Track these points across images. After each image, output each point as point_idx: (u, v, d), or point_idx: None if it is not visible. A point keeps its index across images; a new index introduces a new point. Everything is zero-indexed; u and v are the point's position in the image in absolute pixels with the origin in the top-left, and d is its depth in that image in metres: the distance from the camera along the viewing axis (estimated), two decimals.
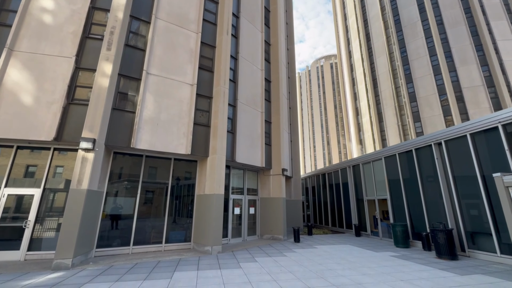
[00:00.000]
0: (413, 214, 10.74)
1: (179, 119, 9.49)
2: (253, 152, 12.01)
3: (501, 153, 7.72)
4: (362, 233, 13.85)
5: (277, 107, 13.92)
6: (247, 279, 5.77)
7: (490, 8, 28.80)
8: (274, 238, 12.07)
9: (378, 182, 13.11)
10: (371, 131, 35.14)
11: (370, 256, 8.46)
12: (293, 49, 19.79)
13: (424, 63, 29.79)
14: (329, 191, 17.99)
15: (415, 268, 6.90)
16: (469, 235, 8.56)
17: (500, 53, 26.94)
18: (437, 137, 9.83)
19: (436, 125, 27.21)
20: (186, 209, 10.18)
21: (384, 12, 35.55)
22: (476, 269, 6.74)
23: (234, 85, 11.87)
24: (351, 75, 42.06)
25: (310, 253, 8.81)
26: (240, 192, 12.34)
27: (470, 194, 8.64)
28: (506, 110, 7.73)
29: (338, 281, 5.65)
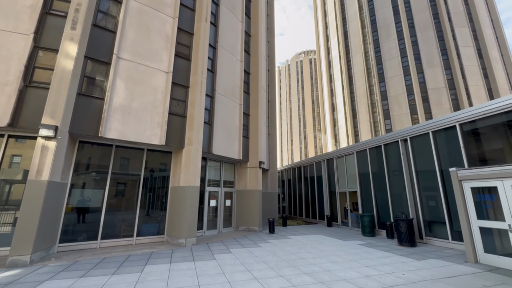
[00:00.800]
0: (380, 205, 11.49)
1: (153, 108, 9.06)
2: (230, 144, 11.92)
3: (457, 150, 8.49)
4: (334, 223, 14.56)
5: (256, 99, 13.87)
6: (221, 270, 5.79)
7: (455, 16, 31.02)
8: (250, 229, 12.23)
9: (349, 175, 13.77)
10: (346, 127, 36.63)
11: (340, 245, 8.94)
12: (273, 42, 19.72)
13: (395, 63, 31.46)
14: (304, 183, 18.56)
15: (379, 255, 7.43)
16: (426, 224, 9.38)
17: (461, 58, 29.30)
18: (404, 134, 10.52)
19: (403, 122, 29.09)
20: (159, 202, 9.88)
21: (361, 12, 36.67)
22: (431, 254, 7.43)
23: (212, 75, 11.57)
24: (329, 72, 43.16)
25: (284, 243, 9.07)
26: (217, 184, 12.24)
27: (429, 187, 9.42)
28: (463, 111, 8.47)
29: (309, 269, 5.90)
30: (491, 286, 4.86)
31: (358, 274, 5.54)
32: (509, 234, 6.01)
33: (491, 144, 8.16)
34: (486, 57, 29.74)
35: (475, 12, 31.43)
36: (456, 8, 31.36)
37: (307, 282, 5.02)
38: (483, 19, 31.47)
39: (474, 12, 31.44)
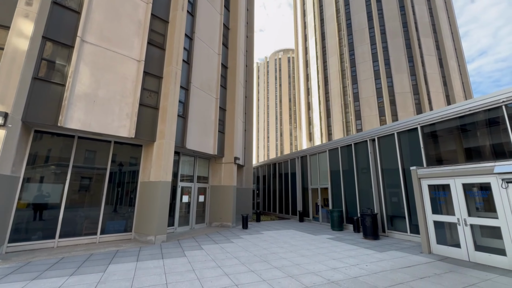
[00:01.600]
0: (348, 201, 12.09)
1: (122, 98, 8.50)
2: (205, 139, 11.66)
3: (418, 150, 9.19)
4: (305, 218, 15.04)
5: (233, 94, 13.70)
6: (191, 267, 5.67)
7: (421, 26, 33.40)
8: (223, 225, 12.15)
9: (322, 172, 14.28)
10: (320, 126, 37.86)
11: (310, 239, 9.25)
12: (252, 37, 19.58)
13: (367, 67, 33.11)
14: (278, 180, 18.88)
15: (346, 248, 7.82)
16: (389, 218, 10.08)
17: (425, 66, 31.73)
18: (372, 134, 11.13)
19: (373, 123, 30.85)
20: (128, 197, 9.37)
21: (338, 15, 37.88)
22: (391, 246, 8.00)
23: (188, 67, 11.17)
24: (306, 71, 44.11)
25: (257, 239, 9.15)
26: (190, 179, 11.94)
27: (393, 184, 10.11)
28: (424, 114, 9.17)
29: (280, 264, 6.02)
30: (440, 273, 5.37)
31: (326, 267, 5.78)
32: (457, 227, 6.67)
33: (446, 145, 8.96)
34: (446, 66, 32.55)
35: (438, 24, 34.12)
36: (422, 19, 33.75)
37: (277, 276, 5.11)
38: (444, 31, 34.30)
39: (438, 24, 34.13)
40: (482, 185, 6.49)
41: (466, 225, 6.48)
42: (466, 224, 6.48)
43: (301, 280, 4.92)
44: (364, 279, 4.98)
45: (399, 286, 4.65)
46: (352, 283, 4.76)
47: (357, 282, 4.84)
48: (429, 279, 5.04)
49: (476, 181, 6.48)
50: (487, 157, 7.52)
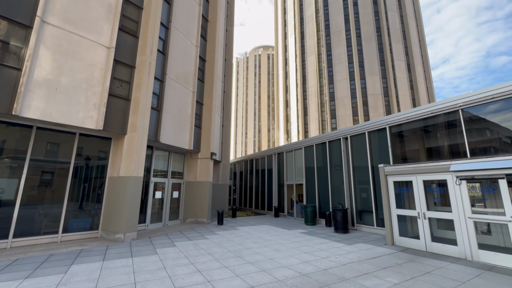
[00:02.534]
0: (322, 196, 12.55)
1: (89, 86, 7.89)
2: (181, 133, 11.30)
3: (386, 149, 9.78)
4: (280, 214, 15.34)
5: (211, 88, 13.42)
6: (162, 265, 5.49)
7: (393, 32, 35.34)
8: (198, 221, 11.96)
9: (297, 169, 14.62)
10: (297, 123, 38.64)
11: (284, 234, 9.46)
12: (232, 31, 19.26)
13: (343, 68, 34.35)
14: (255, 176, 18.99)
15: (317, 241, 8.12)
16: (358, 213, 10.64)
17: (395, 70, 33.71)
18: (345, 133, 11.60)
19: (346, 122, 32.19)
20: (95, 193, 8.79)
21: (317, 15, 38.66)
22: (359, 239, 8.47)
23: (164, 58, 10.69)
24: (285, 69, 44.57)
25: (231, 234, 9.14)
26: (164, 175, 11.53)
27: (363, 181, 10.67)
28: (392, 115, 9.76)
29: (253, 259, 6.07)
30: (401, 263, 5.79)
31: (298, 261, 5.95)
32: (417, 220, 7.24)
33: (411, 145, 9.63)
34: (413, 71, 34.88)
35: (408, 31, 36.35)
36: (394, 25, 35.71)
37: (250, 271, 5.14)
38: (413, 38, 36.66)
39: (407, 31, 36.35)
40: (440, 182, 7.09)
41: (425, 218, 7.06)
42: (425, 217, 7.06)
43: (274, 274, 5.01)
44: (333, 271, 5.21)
45: (364, 276, 4.94)
46: (322, 275, 4.95)
47: (326, 274, 5.05)
48: (391, 268, 5.41)
49: (435, 178, 7.07)
50: (445, 156, 8.23)
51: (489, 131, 7.53)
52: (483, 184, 6.59)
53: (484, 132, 7.63)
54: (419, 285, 4.50)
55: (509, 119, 6.97)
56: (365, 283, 4.58)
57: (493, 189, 6.19)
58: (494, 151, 7.16)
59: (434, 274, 5.09)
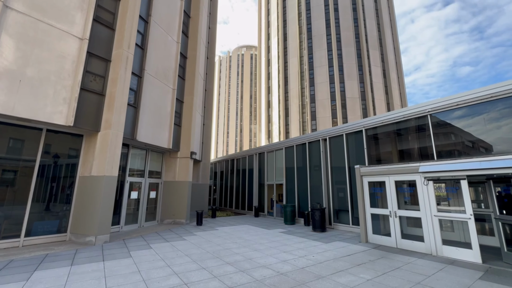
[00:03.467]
0: (301, 196, 12.79)
1: (59, 79, 7.37)
2: (159, 131, 10.94)
3: (362, 150, 10.20)
4: (260, 213, 15.42)
5: (192, 86, 13.14)
6: (136, 268, 5.27)
7: (371, 39, 36.99)
8: (176, 222, 11.65)
9: (278, 169, 14.78)
10: (278, 124, 39.09)
11: (263, 233, 9.51)
12: (215, 29, 19.02)
13: (324, 71, 35.32)
14: (236, 176, 18.91)
15: (296, 240, 8.26)
16: (335, 212, 10.99)
17: (372, 75, 35.31)
18: (324, 134, 11.93)
19: (326, 124, 33.15)
20: (64, 194, 8.23)
21: (300, 18, 39.39)
22: (336, 238, 8.75)
23: (142, 53, 10.28)
24: (267, 70, 44.89)
25: (211, 235, 9.02)
26: (141, 174, 11.10)
27: (340, 181, 11.03)
28: (368, 118, 10.20)
29: (232, 259, 6.03)
30: (374, 260, 6.07)
31: (276, 260, 6.01)
32: (389, 218, 7.63)
33: (385, 147, 10.13)
34: (388, 77, 36.77)
35: (384, 38, 38.25)
36: (371, 32, 37.40)
37: (228, 272, 5.10)
38: (388, 46, 38.64)
39: (383, 39, 38.24)
40: (410, 182, 7.54)
41: (396, 216, 7.46)
42: (396, 216, 7.46)
43: (252, 274, 5.02)
44: (310, 269, 5.33)
45: (339, 273, 5.11)
46: (299, 274, 5.05)
47: (303, 272, 5.15)
48: (365, 265, 5.65)
49: (406, 178, 7.50)
50: (415, 158, 8.76)
51: (454, 135, 8.14)
52: (447, 184, 7.11)
53: (449, 136, 8.23)
54: (389, 280, 4.75)
55: (472, 124, 7.58)
56: (340, 280, 4.74)
57: (456, 189, 6.70)
58: (458, 154, 7.76)
59: (403, 269, 5.39)
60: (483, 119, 7.37)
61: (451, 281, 4.65)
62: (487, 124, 7.27)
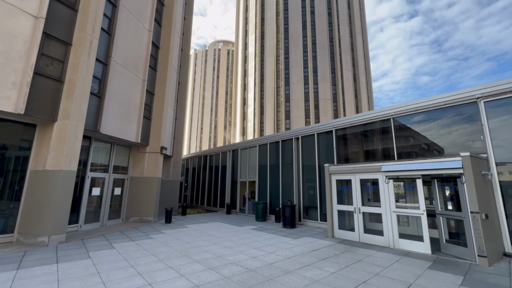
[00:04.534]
0: (273, 193, 13.00)
1: (7, 61, 6.53)
2: (127, 124, 10.28)
3: (331, 150, 10.65)
4: (232, 211, 15.37)
5: (164, 78, 12.55)
6: (95, 270, 4.91)
7: (344, 43, 38.70)
8: (143, 220, 11.10)
9: (251, 166, 14.83)
10: (253, 121, 39.20)
11: (234, 230, 9.49)
12: (191, 20, 18.37)
13: (299, 72, 36.17)
14: (208, 172, 18.58)
15: (266, 237, 8.38)
16: (305, 209, 11.36)
17: (343, 78, 37.00)
18: (297, 133, 12.23)
19: (299, 124, 34.04)
20: (11, 190, 7.35)
21: (278, 18, 39.74)
22: (305, 233, 9.05)
23: (109, 39, 9.54)
24: (244, 66, 44.65)
25: (180, 233, 8.75)
26: (104, 169, 10.35)
27: (310, 179, 11.41)
28: (338, 119, 10.68)
29: (201, 257, 5.91)
30: (338, 254, 6.39)
31: (246, 256, 6.02)
32: (354, 214, 8.09)
33: (352, 147, 10.70)
34: (358, 82, 38.85)
35: (355, 45, 40.27)
36: (344, 37, 39.13)
37: (196, 270, 4.99)
38: (359, 52, 40.79)
39: (355, 44, 40.26)
40: (373, 181, 8.05)
41: (360, 213, 7.93)
42: (360, 212, 7.93)
43: (221, 271, 4.97)
44: (279, 265, 5.43)
45: (306, 267, 5.28)
46: (268, 269, 5.12)
47: (272, 268, 5.24)
48: (330, 259, 5.92)
49: (370, 177, 7.99)
50: (378, 158, 9.38)
51: (412, 138, 8.87)
52: (405, 183, 7.73)
53: (409, 139, 8.95)
54: (352, 272, 5.03)
55: (428, 129, 8.32)
56: (307, 274, 4.90)
57: (412, 187, 7.32)
58: (415, 156, 8.47)
59: (364, 262, 5.75)
60: (437, 124, 8.13)
61: (405, 271, 5.08)
62: (441, 129, 8.04)
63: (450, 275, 4.83)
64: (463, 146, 7.42)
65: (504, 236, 6.18)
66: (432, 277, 4.74)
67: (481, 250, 5.41)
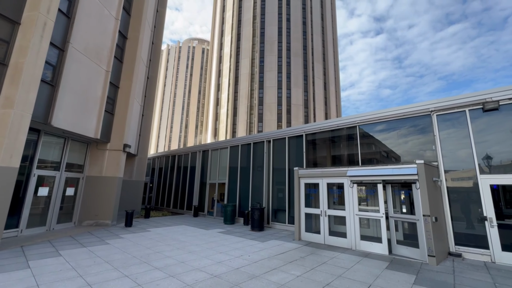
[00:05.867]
0: (242, 196, 12.86)
1: None
2: (85, 118, 9.35)
3: (301, 154, 10.89)
4: (200, 213, 14.87)
5: (131, 70, 11.73)
6: (34, 282, 4.27)
7: (316, 52, 40.37)
8: (99, 224, 10.15)
9: (221, 168, 14.53)
10: (226, 122, 38.77)
11: (201, 234, 9.13)
12: (164, 13, 17.56)
13: (273, 76, 36.78)
14: (176, 173, 17.80)
15: (234, 240, 8.20)
16: (274, 212, 11.42)
17: (315, 86, 38.52)
18: (269, 136, 12.30)
19: (271, 127, 34.52)
20: None
21: (254, 21, 40.06)
22: (272, 236, 9.05)
23: (68, 22, 8.62)
24: (218, 67, 44.07)
25: (141, 237, 8.15)
26: (55, 167, 9.27)
27: (280, 182, 11.52)
28: (309, 124, 10.98)
29: (163, 263, 5.53)
30: (304, 256, 6.48)
31: (212, 262, 5.78)
32: (320, 217, 8.32)
33: (321, 152, 11.06)
34: (328, 90, 40.77)
35: (327, 54, 42.29)
36: (317, 47, 40.87)
37: (156, 278, 4.63)
38: (330, 61, 42.92)
39: (326, 54, 42.27)
40: (339, 185, 8.37)
41: (326, 215, 8.18)
42: (326, 215, 8.18)
43: (184, 278, 4.68)
44: (245, 269, 5.30)
45: (272, 271, 5.23)
46: (233, 275, 4.95)
47: (238, 273, 5.09)
48: (296, 262, 5.96)
49: (336, 181, 8.30)
50: (344, 163, 9.81)
51: (374, 146, 9.46)
52: (367, 187, 8.17)
53: (371, 146, 9.52)
54: (316, 275, 5.10)
55: (388, 138, 8.93)
56: (272, 278, 4.84)
57: (373, 191, 7.76)
58: (376, 162, 9.03)
59: (328, 264, 5.89)
60: (396, 134, 8.77)
61: (365, 272, 5.31)
62: (399, 139, 8.68)
63: (404, 275, 5.16)
64: (417, 154, 8.10)
65: (450, 236, 6.84)
66: (389, 277, 5.01)
67: (431, 250, 5.90)
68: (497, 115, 6.76)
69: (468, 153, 6.97)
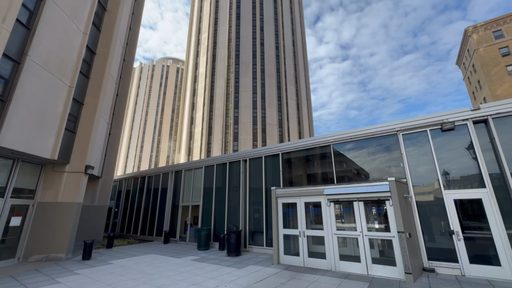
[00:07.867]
0: (217, 218, 12.22)
1: None
2: (40, 136, 8.39)
3: (278, 173, 10.82)
4: (171, 239, 13.76)
5: (98, 87, 11.04)
6: None
7: (288, 75, 42.41)
8: (50, 258, 8.79)
9: (195, 189, 13.84)
10: (200, 142, 37.93)
11: (172, 263, 8.32)
12: (137, 31, 17.29)
13: (248, 96, 37.50)
14: (145, 196, 16.56)
15: (208, 269, 7.56)
16: (251, 234, 10.95)
17: (288, 106, 39.93)
18: (245, 155, 12.13)
19: (247, 146, 34.48)
20: None
21: (230, 44, 41.32)
22: (250, 261, 8.56)
23: (27, 34, 7.97)
24: (193, 86, 43.92)
25: (100, 272, 7.14)
26: None
27: (257, 202, 11.22)
28: (285, 143, 11.08)
29: None
30: (284, 282, 6.13)
31: None
32: (299, 238, 8.10)
33: (297, 170, 11.11)
34: (300, 110, 42.48)
35: (298, 77, 44.63)
36: (289, 70, 43.06)
37: None
38: (302, 84, 45.23)
39: (298, 77, 44.60)
40: (316, 204, 8.34)
41: (305, 236, 7.99)
42: (305, 235, 8.00)
43: None
44: None
45: None
46: None
47: None
48: None
49: (313, 200, 8.26)
50: (320, 182, 9.91)
51: (346, 164, 9.75)
52: (343, 205, 8.24)
53: (343, 164, 9.80)
54: None
55: (358, 156, 9.28)
56: None
57: (349, 209, 7.83)
58: (348, 180, 9.27)
59: None
60: (366, 152, 9.17)
61: None
62: (368, 156, 9.07)
63: None
64: (384, 171, 8.48)
65: (422, 252, 7.02)
66: None
67: (408, 267, 5.95)
68: (454, 135, 7.42)
69: (432, 169, 7.46)
